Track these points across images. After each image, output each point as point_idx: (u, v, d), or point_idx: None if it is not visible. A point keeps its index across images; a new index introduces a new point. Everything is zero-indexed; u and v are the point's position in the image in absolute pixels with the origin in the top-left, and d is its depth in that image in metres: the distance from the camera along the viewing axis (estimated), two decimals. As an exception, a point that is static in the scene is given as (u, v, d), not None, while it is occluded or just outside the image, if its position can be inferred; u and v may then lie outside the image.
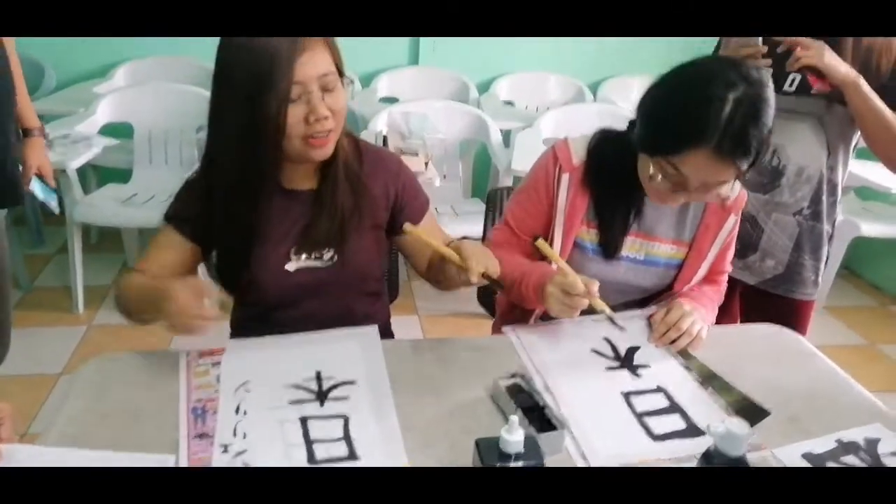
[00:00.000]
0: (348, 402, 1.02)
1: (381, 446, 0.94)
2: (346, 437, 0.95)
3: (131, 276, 1.13)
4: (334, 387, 1.05)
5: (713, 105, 1.02)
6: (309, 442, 0.94)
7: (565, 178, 1.26)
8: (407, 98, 3.17)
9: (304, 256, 1.18)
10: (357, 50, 3.38)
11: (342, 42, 1.07)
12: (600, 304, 1.15)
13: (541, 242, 1.19)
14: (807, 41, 1.35)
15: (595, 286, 1.11)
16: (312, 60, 1.01)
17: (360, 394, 1.04)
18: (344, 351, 1.13)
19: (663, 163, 1.10)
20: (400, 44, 3.45)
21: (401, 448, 0.94)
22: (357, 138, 1.23)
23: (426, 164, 2.38)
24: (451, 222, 2.56)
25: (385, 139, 2.51)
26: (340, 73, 1.07)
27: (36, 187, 1.84)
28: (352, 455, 0.92)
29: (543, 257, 1.31)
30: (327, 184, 1.16)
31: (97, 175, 2.99)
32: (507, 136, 2.99)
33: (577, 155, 1.26)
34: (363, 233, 1.20)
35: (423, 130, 2.73)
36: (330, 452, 0.92)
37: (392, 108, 2.79)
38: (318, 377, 1.07)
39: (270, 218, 1.14)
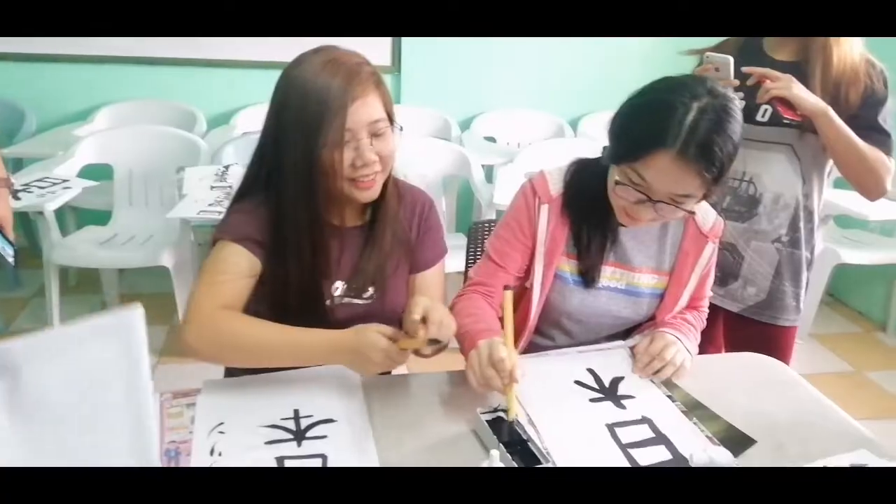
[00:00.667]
0: (327, 440, 1.00)
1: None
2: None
3: (233, 320, 1.05)
4: (312, 425, 1.03)
5: (677, 110, 1.04)
6: None
7: (544, 209, 1.26)
8: (389, 136, 3.19)
9: (345, 293, 1.18)
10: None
11: None
12: (512, 399, 1.01)
13: (507, 294, 1.07)
14: (775, 73, 1.38)
15: (519, 374, 1.01)
16: (364, 108, 1.05)
17: (340, 432, 1.02)
18: (323, 388, 1.11)
19: (628, 170, 1.10)
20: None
21: None
22: (395, 177, 1.21)
23: (408, 200, 2.38)
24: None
25: (367, 176, 2.51)
26: (391, 120, 1.10)
27: None
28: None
29: (523, 293, 1.30)
30: (379, 222, 1.18)
31: (76, 217, 2.96)
32: (489, 172, 3.01)
33: (555, 186, 1.26)
34: (401, 271, 1.22)
35: (406, 167, 2.74)
36: None
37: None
38: (296, 416, 1.05)
39: (323, 250, 1.13)
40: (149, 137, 2.79)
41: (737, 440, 1.04)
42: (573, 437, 1.04)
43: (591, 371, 1.21)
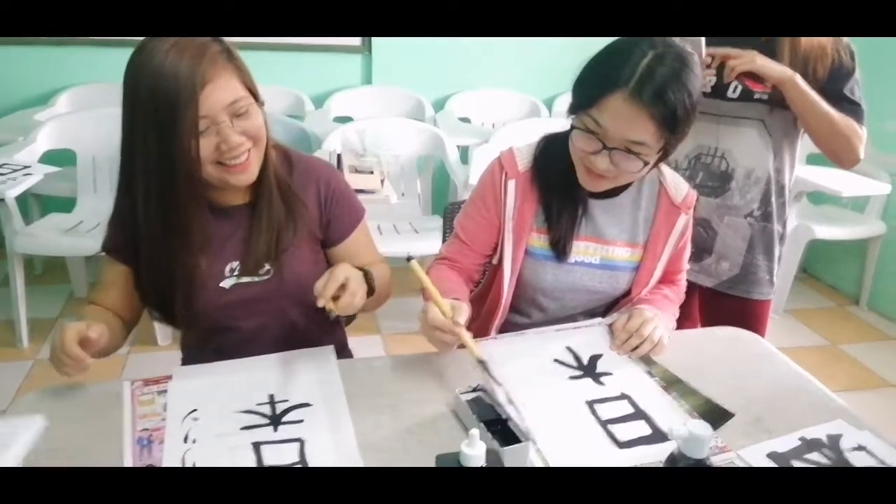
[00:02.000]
0: (303, 425, 0.98)
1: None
2: (303, 461, 0.91)
3: (82, 309, 1.17)
4: (288, 410, 1.01)
5: (633, 54, 1.04)
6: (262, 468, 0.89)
7: (511, 184, 1.24)
8: (361, 117, 3.15)
9: (239, 273, 1.16)
10: (309, 69, 3.37)
11: (293, 61, 1.06)
12: (468, 339, 1.07)
13: (413, 265, 1.06)
14: (735, 51, 1.38)
15: (462, 317, 1.06)
16: (217, 91, 1.00)
17: (316, 416, 1.00)
18: (298, 373, 1.09)
19: (584, 117, 1.10)
20: (353, 63, 3.43)
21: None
22: (286, 149, 1.21)
23: (382, 181, 2.35)
24: (411, 239, 2.54)
25: (339, 158, 2.48)
26: (255, 96, 1.06)
27: None
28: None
29: (496, 271, 1.29)
30: (261, 199, 1.14)
31: (40, 204, 2.87)
32: (464, 153, 2.99)
33: (523, 161, 1.25)
34: (299, 245, 1.18)
35: (378, 148, 2.71)
36: None
37: (346, 127, 2.77)
38: (272, 401, 1.02)
39: (199, 237, 1.10)
40: (112, 121, 2.60)
41: (716, 414, 1.05)
42: (553, 415, 1.03)
43: (569, 349, 1.20)
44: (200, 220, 1.09)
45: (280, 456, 0.91)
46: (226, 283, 1.15)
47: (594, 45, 1.13)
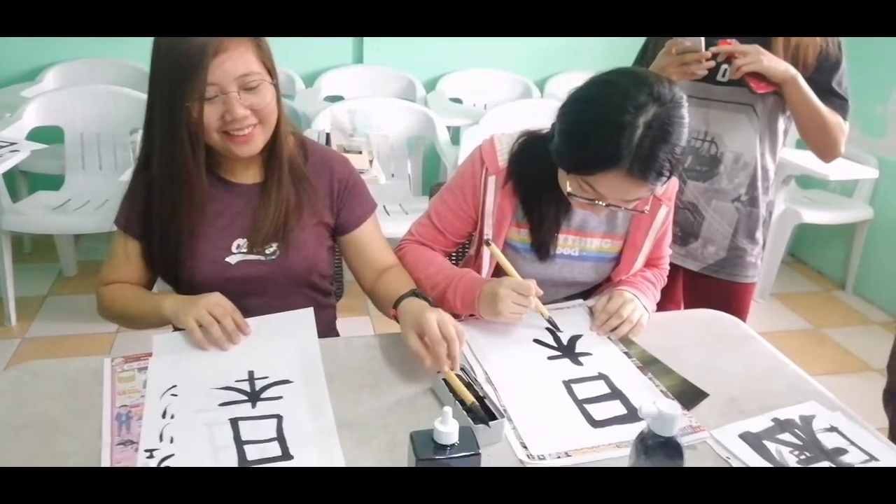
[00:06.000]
0: (282, 401, 0.99)
1: (317, 444, 0.91)
2: (280, 437, 0.92)
3: (112, 290, 1.20)
4: (267, 387, 1.01)
5: (625, 131, 1.02)
6: (240, 443, 0.90)
7: (492, 180, 1.24)
8: (351, 96, 3.13)
9: (246, 250, 1.18)
10: (300, 49, 3.34)
11: (284, 40, 1.07)
12: (542, 308, 1.18)
13: (493, 248, 1.19)
14: (743, 48, 1.37)
15: (535, 285, 1.12)
16: (230, 61, 1.03)
17: (295, 392, 1.01)
18: (278, 351, 1.09)
19: (579, 180, 1.10)
20: (344, 42, 3.40)
21: (336, 445, 0.91)
22: (304, 137, 1.26)
23: (370, 161, 2.35)
24: (400, 220, 2.52)
25: (328, 137, 2.46)
26: (271, 74, 1.10)
27: None
28: (285, 455, 0.89)
29: (473, 262, 1.31)
30: (271, 178, 1.18)
31: (28, 182, 2.86)
32: (455, 134, 2.98)
33: (503, 156, 1.25)
34: (306, 229, 1.21)
35: (368, 128, 2.70)
36: (262, 453, 0.89)
37: (335, 106, 2.75)
38: (251, 377, 1.03)
39: (207, 210, 1.15)
40: (100, 98, 2.68)
41: (690, 394, 1.06)
42: (530, 393, 1.04)
43: (549, 330, 1.21)
44: (202, 185, 1.12)
45: (258, 432, 0.92)
46: (232, 259, 1.18)
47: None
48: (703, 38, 1.38)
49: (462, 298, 1.17)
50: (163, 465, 0.86)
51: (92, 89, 2.73)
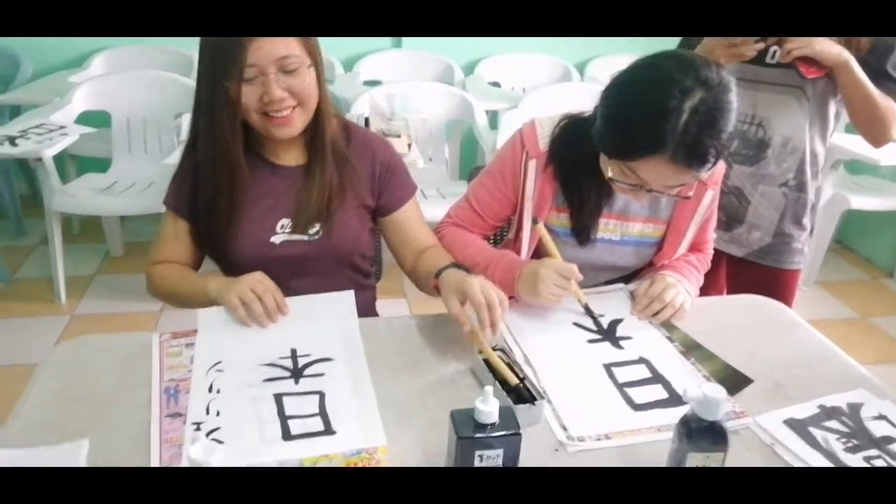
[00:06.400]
0: (324, 378, 1.00)
1: (358, 421, 0.92)
2: (322, 413, 0.93)
3: (161, 269, 1.23)
4: (309, 364, 1.03)
5: (670, 116, 1.00)
6: (284, 418, 0.92)
7: (532, 164, 1.23)
8: (390, 80, 3.14)
9: (290, 230, 1.21)
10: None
11: None
12: (580, 293, 1.18)
13: (540, 227, 1.19)
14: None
15: (579, 276, 1.12)
16: (271, 44, 1.05)
17: (337, 370, 1.02)
18: (320, 329, 1.11)
19: (622, 166, 1.08)
20: (383, 26, 3.40)
21: (378, 421, 0.92)
22: (346, 121, 1.28)
23: (409, 145, 2.35)
24: (438, 204, 2.53)
25: (367, 121, 2.47)
26: (314, 59, 1.11)
27: None
28: (328, 430, 0.90)
29: (513, 245, 1.30)
30: (315, 160, 1.20)
31: (76, 164, 2.94)
32: (493, 118, 2.96)
33: (544, 140, 1.23)
34: (349, 210, 1.23)
35: (406, 112, 2.70)
36: (306, 428, 0.91)
37: (374, 90, 2.76)
38: (294, 355, 1.05)
39: (251, 191, 1.18)
40: (145, 83, 2.74)
41: (734, 379, 1.04)
42: (569, 376, 1.04)
43: (589, 313, 1.20)
44: (242, 166, 1.15)
45: (301, 407, 0.94)
46: (276, 239, 1.20)
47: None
48: None
49: (501, 279, 1.17)
50: (210, 437, 0.88)
51: (138, 75, 2.79)
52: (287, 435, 0.89)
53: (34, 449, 0.86)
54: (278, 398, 0.96)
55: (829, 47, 1.32)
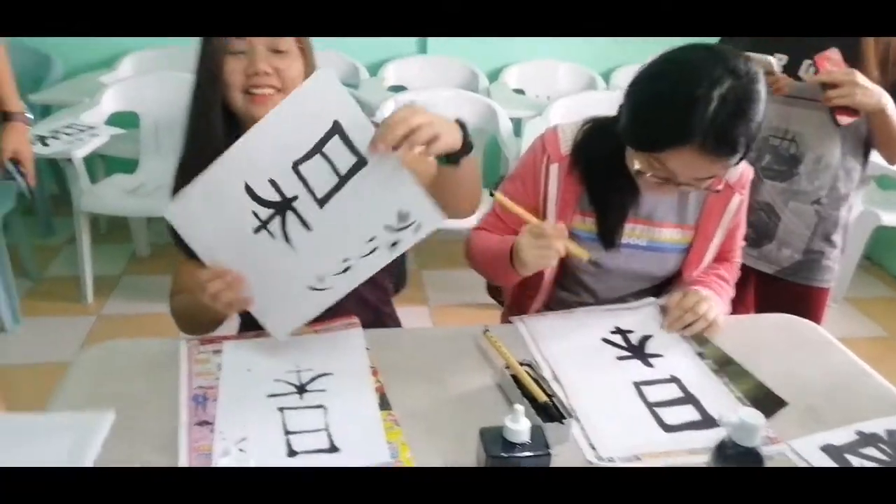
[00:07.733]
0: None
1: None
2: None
3: (178, 300, 1.19)
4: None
5: (698, 105, 0.98)
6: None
7: (554, 168, 1.22)
8: (415, 87, 3.14)
9: None
10: (365, 38, 3.37)
11: None
12: (574, 247, 1.07)
13: (498, 196, 1.09)
14: (839, 77, 1.30)
15: (564, 229, 1.05)
16: None
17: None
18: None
19: (650, 158, 1.07)
20: (409, 32, 3.41)
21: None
22: None
23: (434, 152, 2.35)
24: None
25: (393, 127, 2.47)
26: (304, 51, 1.10)
27: (10, 169, 1.84)
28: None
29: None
30: None
31: (105, 165, 2.98)
32: (517, 125, 2.95)
33: (567, 144, 1.22)
34: None
35: (432, 119, 2.69)
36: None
37: (399, 96, 2.76)
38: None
39: None
40: (174, 85, 2.75)
41: (768, 401, 1.02)
42: (599, 394, 1.02)
43: (618, 329, 1.19)
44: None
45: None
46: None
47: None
48: (773, 61, 1.35)
49: (506, 268, 1.15)
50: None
51: (167, 76, 2.81)
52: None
53: (58, 413, 0.85)
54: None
55: (868, 98, 1.29)
